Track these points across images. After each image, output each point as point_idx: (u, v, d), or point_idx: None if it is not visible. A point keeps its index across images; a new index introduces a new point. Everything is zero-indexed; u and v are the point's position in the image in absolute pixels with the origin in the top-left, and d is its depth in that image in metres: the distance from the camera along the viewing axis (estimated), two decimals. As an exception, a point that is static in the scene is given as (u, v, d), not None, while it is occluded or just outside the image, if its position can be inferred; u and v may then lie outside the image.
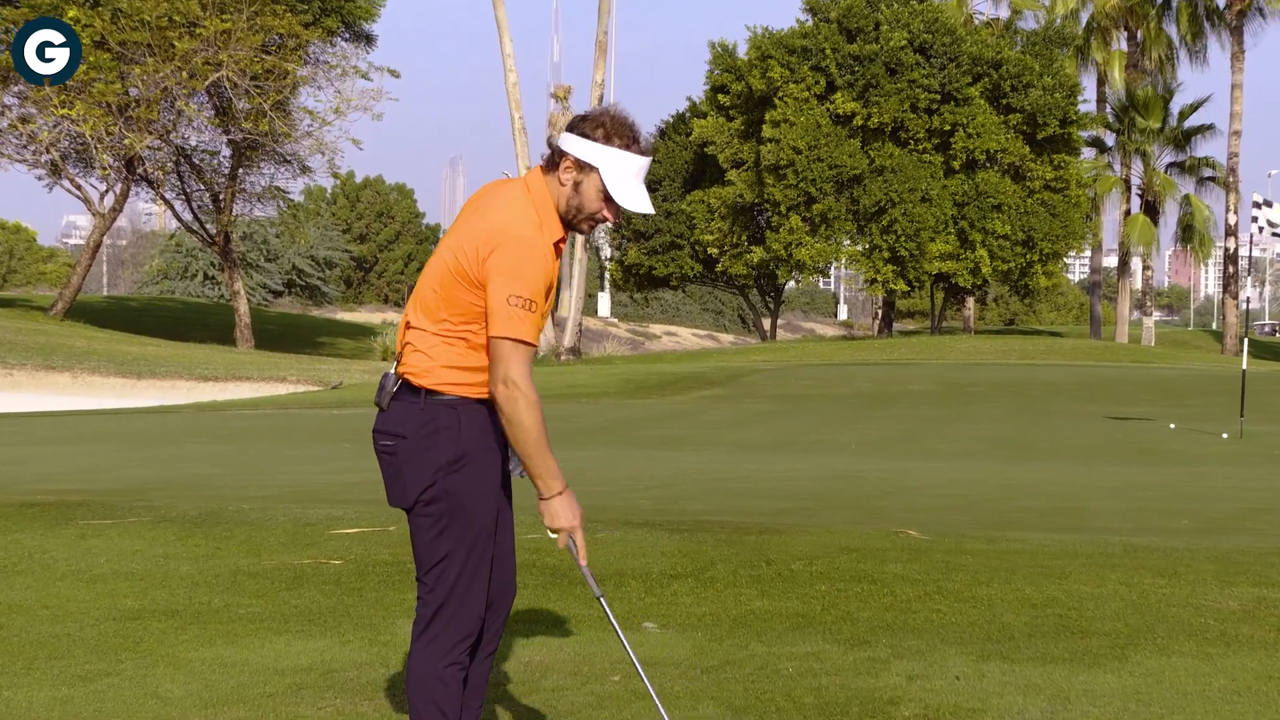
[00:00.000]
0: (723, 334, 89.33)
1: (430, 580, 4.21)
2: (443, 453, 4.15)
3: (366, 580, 7.58)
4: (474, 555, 4.20)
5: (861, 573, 7.70)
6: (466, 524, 4.18)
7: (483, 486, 4.19)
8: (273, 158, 46.96)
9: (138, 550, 8.39)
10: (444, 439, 4.15)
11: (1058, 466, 14.88)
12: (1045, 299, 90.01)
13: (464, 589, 4.20)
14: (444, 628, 4.20)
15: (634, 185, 4.15)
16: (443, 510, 4.17)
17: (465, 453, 4.15)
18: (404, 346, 4.25)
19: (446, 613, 4.20)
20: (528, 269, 4.03)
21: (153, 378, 33.42)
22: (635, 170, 4.14)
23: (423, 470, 4.17)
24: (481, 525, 4.20)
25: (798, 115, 51.17)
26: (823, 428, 20.96)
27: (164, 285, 79.13)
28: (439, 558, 4.19)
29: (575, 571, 7.74)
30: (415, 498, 4.19)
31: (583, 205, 4.16)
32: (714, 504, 10.92)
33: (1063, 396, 26.69)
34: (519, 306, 4.02)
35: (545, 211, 4.17)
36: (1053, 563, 7.98)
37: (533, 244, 4.05)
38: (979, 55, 51.92)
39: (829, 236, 52.64)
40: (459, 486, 4.16)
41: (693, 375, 32.94)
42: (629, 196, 4.15)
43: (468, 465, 4.16)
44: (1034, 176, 52.75)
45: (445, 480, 4.16)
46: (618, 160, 4.13)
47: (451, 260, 4.14)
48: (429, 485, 4.16)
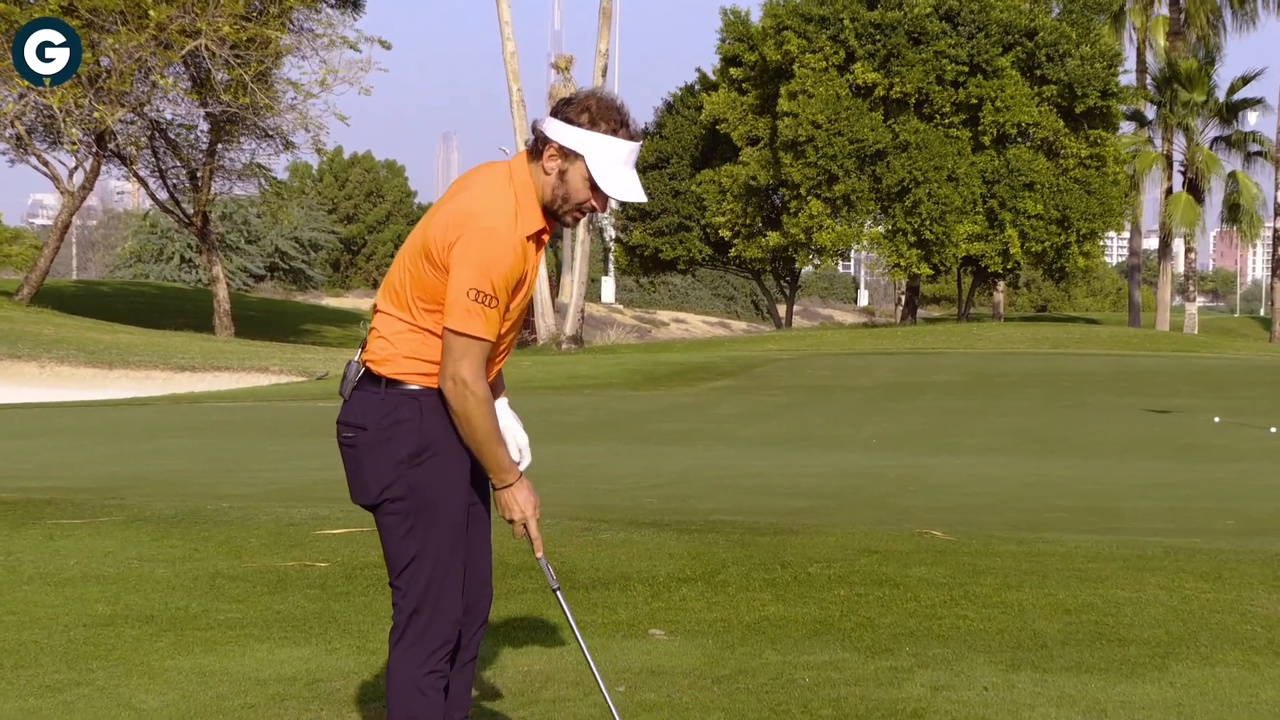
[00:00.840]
0: (735, 321, 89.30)
1: (403, 584, 4.23)
2: (404, 445, 4.18)
3: (354, 584, 7.59)
4: (445, 554, 4.22)
5: (883, 576, 7.70)
6: (434, 521, 4.20)
7: (449, 480, 4.21)
8: (254, 133, 46.93)
9: (110, 552, 8.41)
10: (405, 431, 4.18)
11: (1093, 463, 14.87)
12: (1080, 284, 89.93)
13: (437, 591, 4.21)
14: (420, 634, 4.22)
15: (623, 172, 4.16)
16: (408, 507, 4.20)
17: (428, 445, 4.18)
18: (370, 331, 4.30)
19: (422, 618, 4.21)
20: (493, 263, 4.05)
21: (125, 367, 33.44)
22: (624, 156, 4.15)
23: (383, 464, 4.19)
24: (451, 522, 4.23)
25: (816, 87, 51.09)
26: (842, 421, 20.96)
27: (137, 269, 79.19)
28: (408, 559, 4.22)
29: (576, 575, 7.75)
30: (378, 493, 4.22)
31: (569, 194, 4.17)
32: (725, 503, 10.93)
33: (1098, 388, 26.68)
34: (478, 301, 4.04)
35: (525, 200, 4.17)
36: (1088, 566, 7.99)
37: (501, 237, 4.07)
38: (1010, 23, 51.81)
39: (851, 218, 52.57)
40: (423, 481, 4.19)
41: (703, 365, 32.95)
42: (617, 184, 4.15)
43: (432, 458, 4.19)
44: (1068, 153, 52.64)
45: (408, 474, 4.18)
46: (605, 146, 4.13)
47: (420, 241, 4.17)
48: (391, 481, 4.19)
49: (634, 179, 4.19)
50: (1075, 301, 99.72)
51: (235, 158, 48.12)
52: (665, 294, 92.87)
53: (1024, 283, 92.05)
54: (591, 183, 4.16)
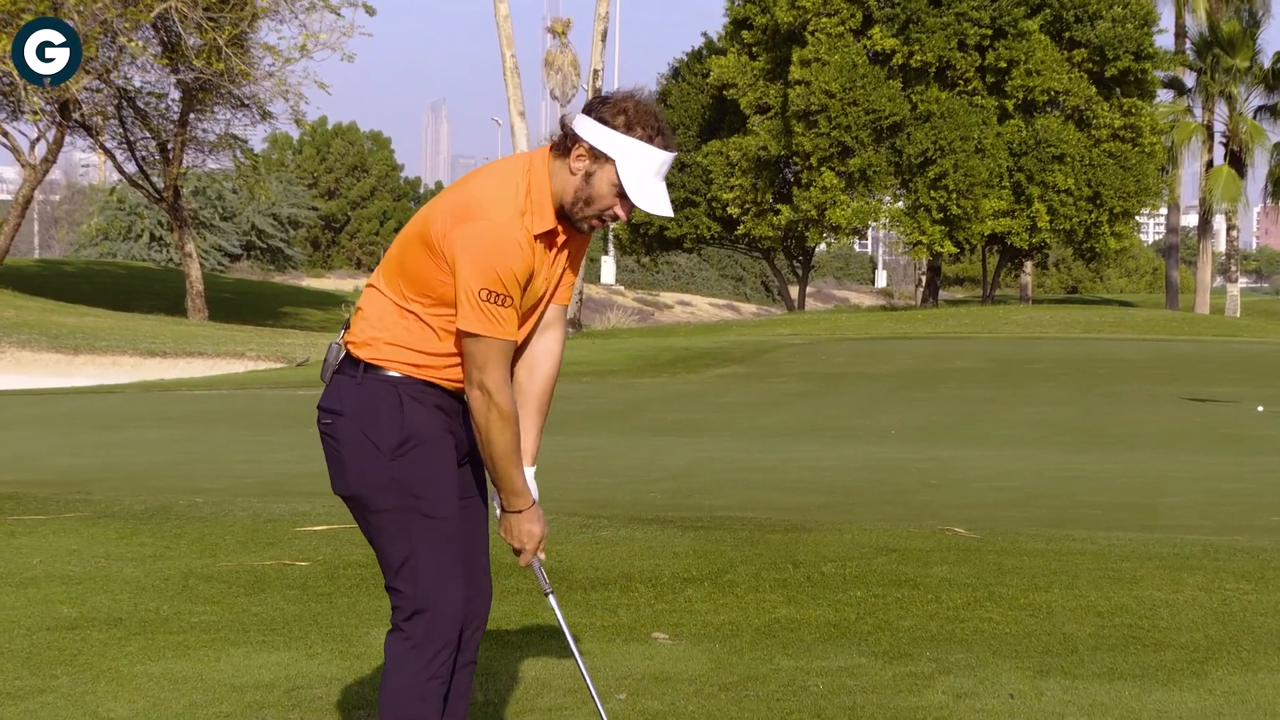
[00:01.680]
0: (744, 304, 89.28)
1: (401, 585, 4.25)
2: (384, 436, 4.21)
3: (337, 584, 7.60)
4: (441, 551, 4.24)
5: (902, 576, 7.71)
6: (424, 516, 4.22)
7: (436, 473, 4.24)
8: (229, 101, 46.87)
9: (75, 550, 8.42)
10: (384, 421, 4.21)
11: (1128, 455, 14.88)
12: (1114, 263, 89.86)
13: (438, 590, 4.23)
14: (423, 636, 4.23)
15: (653, 183, 4.18)
16: (395, 503, 4.22)
17: (410, 436, 4.21)
18: (355, 311, 4.32)
19: (423, 619, 4.23)
20: (497, 259, 4.07)
21: (91, 353, 33.45)
22: (656, 166, 4.17)
23: (362, 455, 4.22)
24: (445, 515, 4.25)
25: (830, 53, 51.03)
26: (858, 411, 20.97)
27: (104, 247, 79.19)
28: (402, 558, 4.24)
29: (574, 574, 7.77)
30: (354, 485, 4.24)
31: (592, 198, 4.18)
32: (734, 498, 10.94)
33: (1134, 375, 26.69)
34: (490, 302, 4.07)
35: (538, 196, 4.19)
36: (1122, 565, 7.99)
37: (502, 234, 4.08)
38: (1039, -19, 51.76)
39: (868, 193, 52.51)
40: (408, 475, 4.21)
41: (709, 351, 32.96)
42: (646, 195, 4.17)
43: (415, 448, 4.22)
44: (1101, 123, 52.58)
45: (390, 468, 4.21)
46: (638, 153, 4.15)
47: (423, 222, 4.20)
48: (371, 474, 4.21)
49: (663, 192, 4.20)
50: (1108, 283, 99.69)
51: (209, 128, 48.06)
52: (669, 274, 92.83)
53: (1053, 262, 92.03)
54: (619, 190, 4.17)
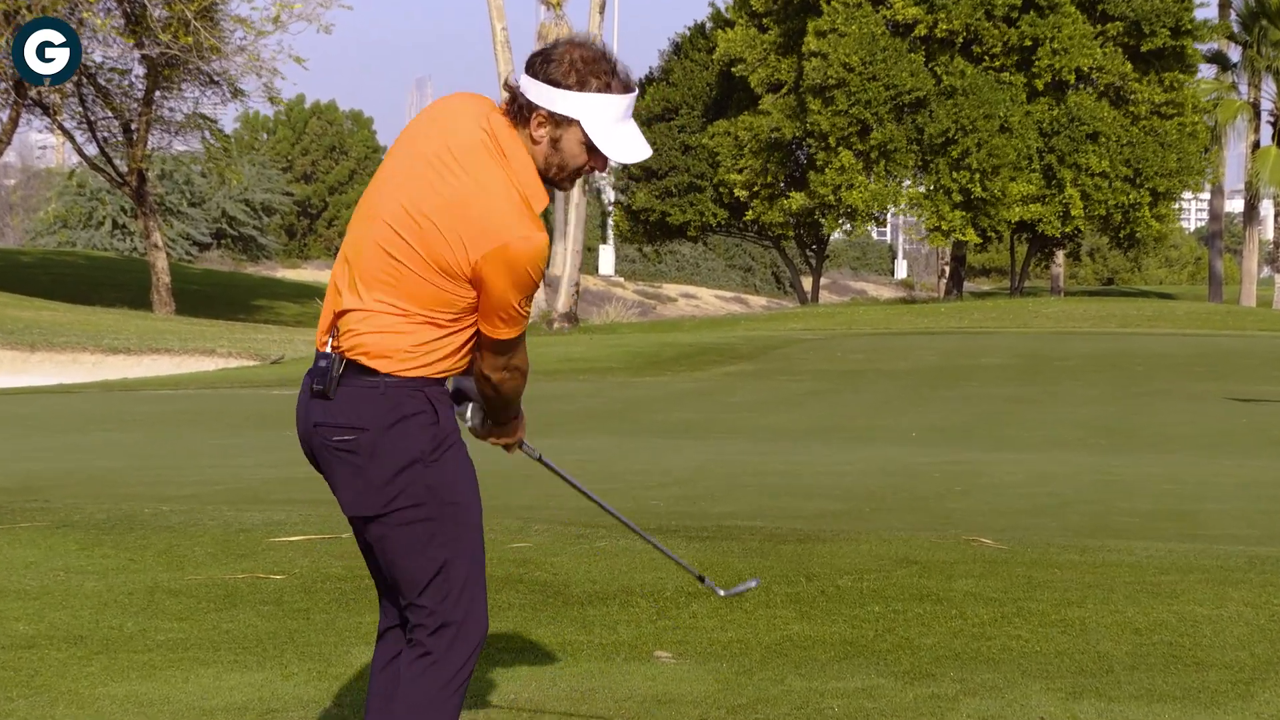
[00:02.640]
0: (753, 296, 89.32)
1: (428, 600, 4.30)
2: (417, 443, 4.25)
3: (314, 599, 7.60)
4: (475, 556, 4.34)
5: (924, 590, 7.71)
6: (459, 522, 4.31)
7: (468, 476, 4.34)
8: (197, 78, 46.88)
9: (32, 563, 8.42)
10: (416, 427, 4.25)
11: (1167, 459, 14.88)
12: (1153, 252, 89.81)
13: (470, 601, 4.32)
14: (445, 650, 4.30)
15: (622, 129, 4.25)
16: (429, 512, 4.27)
17: (444, 439, 4.28)
18: (339, 320, 4.31)
19: (449, 633, 4.30)
20: (534, 270, 4.20)
21: (49, 349, 33.45)
22: (620, 111, 4.24)
23: (394, 466, 4.25)
24: (475, 520, 4.35)
25: (848, 24, 51.03)
26: (877, 411, 20.97)
27: (63, 235, 79.20)
28: (436, 568, 4.30)
29: (570, 590, 7.75)
30: (386, 502, 4.27)
31: (565, 162, 4.26)
32: (742, 505, 10.94)
33: (1174, 373, 26.67)
34: (520, 307, 4.25)
35: (527, 180, 4.25)
36: (1161, 578, 7.99)
37: (538, 247, 4.19)
38: (1071, -51, 51.75)
39: (888, 174, 52.48)
40: (443, 479, 4.28)
41: (716, 347, 32.95)
42: (618, 145, 4.25)
43: (447, 451, 4.29)
44: (1139, 99, 52.56)
45: (424, 475, 4.26)
46: (599, 105, 4.21)
47: (417, 236, 4.21)
48: (404, 486, 4.25)
49: (634, 133, 4.27)
50: (1147, 273, 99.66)
51: (175, 107, 48.06)
52: (673, 265, 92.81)
53: (1087, 251, 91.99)
54: (588, 145, 4.24)
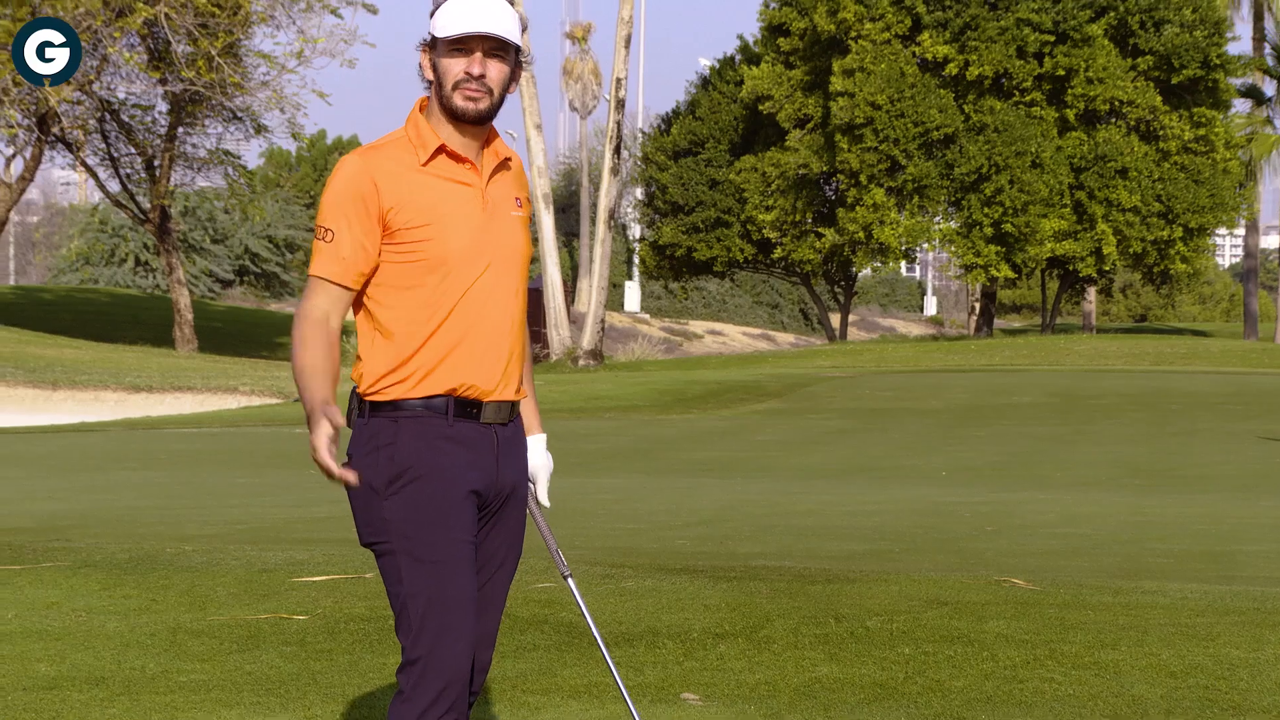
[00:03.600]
0: (780, 333, 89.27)
1: (401, 636, 4.34)
2: (379, 473, 4.31)
3: (337, 640, 7.60)
4: (435, 598, 4.29)
5: (955, 632, 7.69)
6: (417, 559, 4.29)
7: (431, 512, 4.30)
8: (220, 114, 47.09)
9: (54, 603, 8.43)
10: (382, 457, 4.32)
11: (1203, 499, 14.82)
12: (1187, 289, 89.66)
13: (431, 640, 4.29)
14: (412, 689, 4.30)
15: (466, 14, 4.30)
16: (391, 546, 4.31)
17: (403, 471, 4.30)
18: None
19: (414, 670, 4.31)
20: (326, 195, 4.31)
21: (71, 388, 33.55)
22: (461, 4, 4.31)
23: (363, 496, 4.33)
24: (438, 556, 4.30)
25: (876, 62, 51.05)
26: (906, 450, 20.92)
27: (85, 273, 79.51)
28: (400, 604, 4.33)
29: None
30: (361, 531, 4.38)
31: (442, 75, 4.34)
32: (770, 545, 10.92)
33: (1209, 412, 26.58)
34: (319, 239, 4.31)
35: (411, 131, 4.38)
36: (1196, 620, 7.96)
37: (339, 166, 4.32)
38: (1105, -17, 51.78)
39: (920, 210, 52.44)
40: (400, 513, 4.30)
41: (743, 384, 32.93)
42: (453, 23, 4.30)
43: (408, 485, 4.30)
44: (1169, 135, 52.52)
45: (384, 507, 4.30)
46: (447, 8, 4.32)
47: None
48: (371, 514, 4.32)
49: (472, 10, 4.31)
50: (1180, 310, 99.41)
51: (199, 143, 48.26)
52: (699, 301, 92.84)
53: (1120, 288, 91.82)
54: (448, 48, 4.32)
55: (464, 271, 4.30)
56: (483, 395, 4.36)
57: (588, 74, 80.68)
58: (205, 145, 48.30)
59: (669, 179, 58.67)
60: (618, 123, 43.05)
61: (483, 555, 4.43)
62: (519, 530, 4.52)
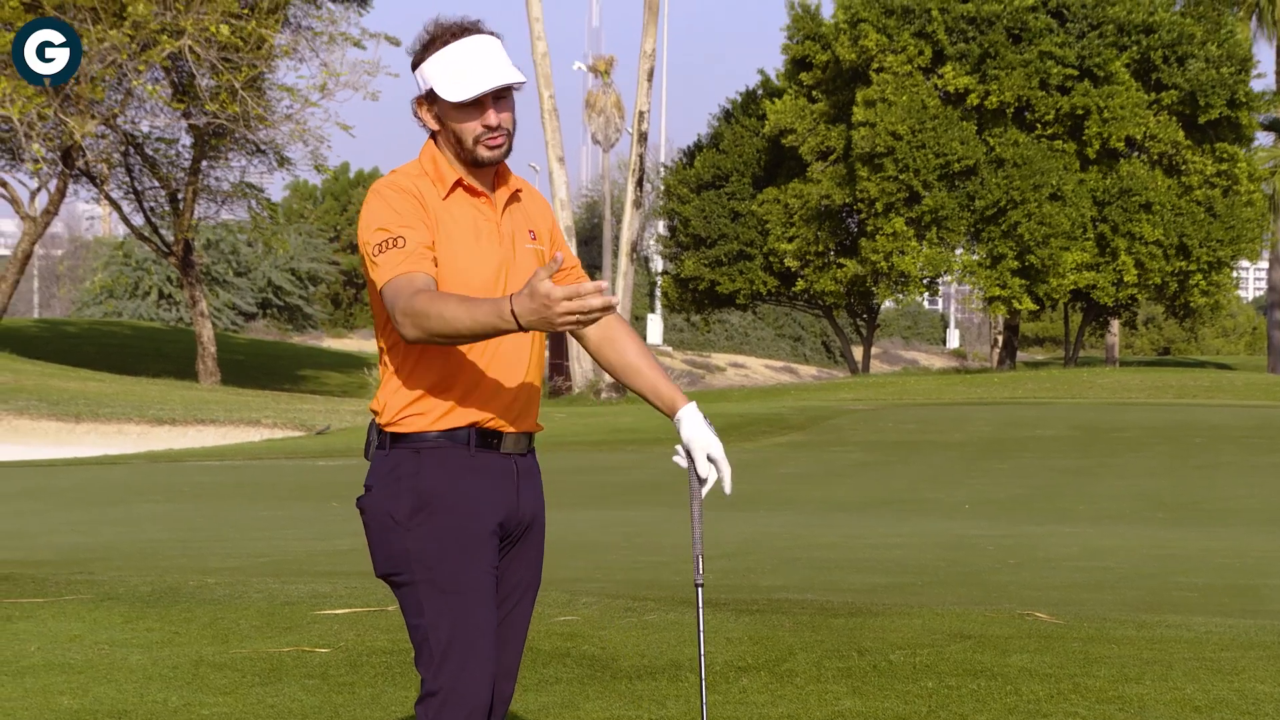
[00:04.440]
0: (803, 365, 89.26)
1: (421, 668, 4.34)
2: (400, 504, 4.31)
3: (359, 673, 7.60)
4: (455, 630, 4.29)
5: (978, 666, 7.67)
6: (437, 591, 4.29)
7: (451, 544, 4.30)
8: (244, 147, 47.28)
9: (76, 636, 8.44)
10: (403, 488, 4.32)
11: (1228, 533, 14.77)
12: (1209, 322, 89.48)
13: (454, 670, 4.28)
14: (436, 714, 4.30)
15: (468, 71, 4.25)
16: (410, 577, 4.31)
17: (426, 503, 4.30)
18: None
19: (434, 702, 4.30)
20: (373, 212, 4.25)
21: (95, 420, 33.64)
22: (462, 57, 4.25)
23: (384, 528, 4.34)
24: (460, 588, 4.30)
25: (897, 93, 51.13)
26: (929, 483, 20.89)
27: (109, 306, 79.79)
28: (420, 637, 4.33)
29: (618, 663, 7.73)
30: (381, 563, 4.37)
31: (459, 133, 4.31)
32: (793, 578, 10.90)
33: (1234, 445, 26.50)
34: (378, 253, 4.20)
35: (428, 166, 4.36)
36: (1221, 655, 7.93)
37: (376, 189, 4.29)
38: (1126, 19, 51.77)
39: (940, 239, 52.44)
40: (420, 545, 4.30)
41: (765, 417, 32.91)
42: (461, 87, 4.24)
43: (430, 517, 4.29)
44: (1191, 170, 52.49)
45: (406, 538, 4.30)
46: (441, 63, 4.27)
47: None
48: (393, 547, 4.32)
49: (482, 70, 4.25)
50: (1203, 343, 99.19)
51: (222, 176, 48.46)
52: (721, 334, 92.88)
53: (1142, 321, 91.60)
54: (459, 104, 4.27)
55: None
56: (503, 427, 4.38)
57: (610, 107, 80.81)
58: (229, 178, 48.51)
59: (691, 212, 58.73)
60: (640, 155, 43.15)
61: (504, 587, 4.43)
62: (539, 561, 4.53)
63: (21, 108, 41.77)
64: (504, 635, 4.42)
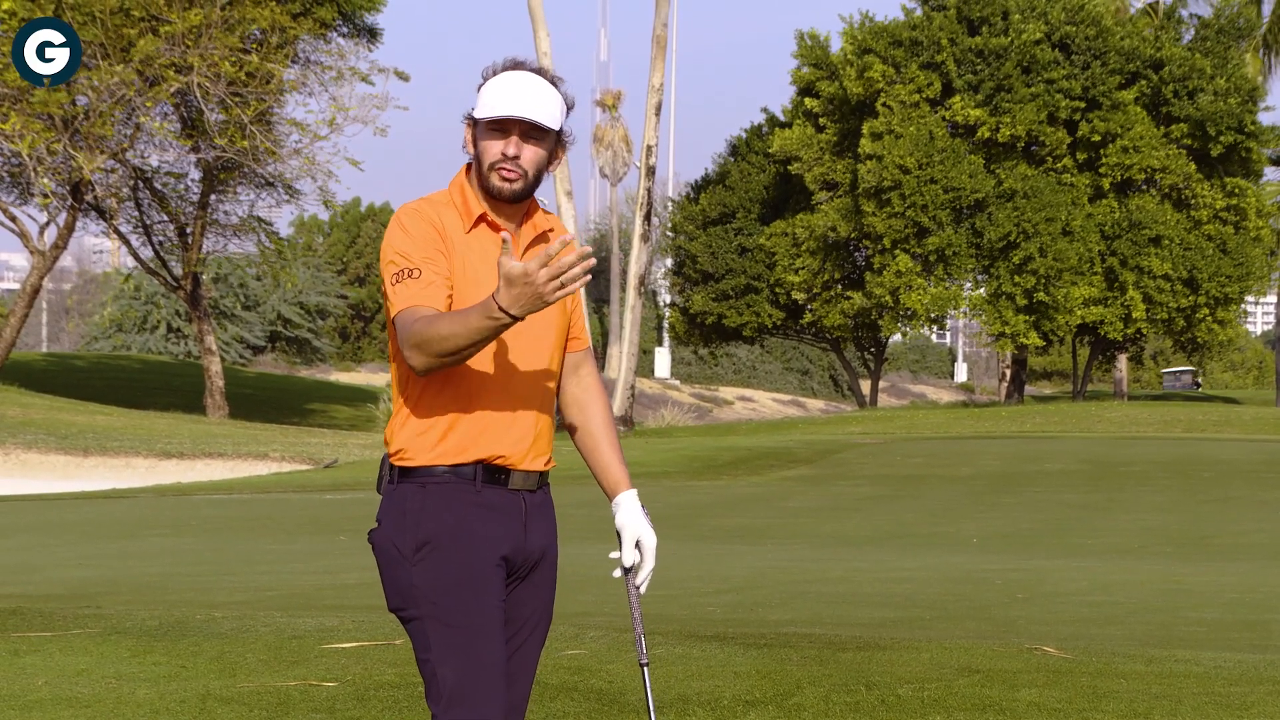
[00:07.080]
0: (810, 399, 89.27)
1: (431, 704, 4.35)
2: (406, 540, 4.34)
3: (367, 707, 7.60)
4: (470, 660, 4.31)
5: (986, 700, 7.65)
6: (444, 626, 4.31)
7: (454, 580, 4.32)
8: (252, 181, 47.36)
9: (84, 670, 8.44)
10: (408, 524, 4.35)
11: (1237, 567, 14.75)
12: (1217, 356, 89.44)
13: (464, 703, 4.29)
14: None
15: (505, 96, 4.34)
16: (420, 612, 4.33)
17: (429, 539, 4.32)
18: None
19: None
20: (393, 240, 4.31)
21: (103, 454, 33.66)
22: (508, 84, 4.34)
23: (391, 563, 4.36)
24: (467, 623, 4.31)
25: (905, 125, 51.18)
26: (937, 517, 20.87)
27: (117, 339, 79.91)
28: (431, 669, 4.34)
29: (625, 698, 7.72)
30: (390, 598, 4.39)
31: (481, 155, 4.38)
32: (801, 612, 10.89)
33: (1243, 479, 26.47)
34: (394, 282, 4.27)
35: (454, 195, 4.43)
36: (1230, 690, 7.91)
37: (400, 215, 4.35)
38: (1134, 51, 51.87)
39: (947, 277, 52.48)
40: (425, 580, 4.32)
41: (773, 451, 32.90)
42: (491, 106, 4.34)
43: (434, 552, 4.32)
44: (1201, 203, 52.53)
45: (412, 574, 4.32)
46: (491, 87, 4.37)
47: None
48: (400, 581, 4.34)
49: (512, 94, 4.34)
50: (1212, 377, 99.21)
51: (231, 210, 48.51)
52: (729, 368, 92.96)
53: (1150, 355, 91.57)
54: (487, 127, 4.36)
55: (497, 341, 4.31)
56: (512, 464, 4.39)
57: (618, 141, 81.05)
58: (237, 212, 48.56)
59: (698, 248, 58.82)
60: (648, 189, 43.20)
61: (513, 622, 4.43)
62: (549, 596, 4.52)
63: (31, 142, 41.89)
64: (513, 671, 4.42)
